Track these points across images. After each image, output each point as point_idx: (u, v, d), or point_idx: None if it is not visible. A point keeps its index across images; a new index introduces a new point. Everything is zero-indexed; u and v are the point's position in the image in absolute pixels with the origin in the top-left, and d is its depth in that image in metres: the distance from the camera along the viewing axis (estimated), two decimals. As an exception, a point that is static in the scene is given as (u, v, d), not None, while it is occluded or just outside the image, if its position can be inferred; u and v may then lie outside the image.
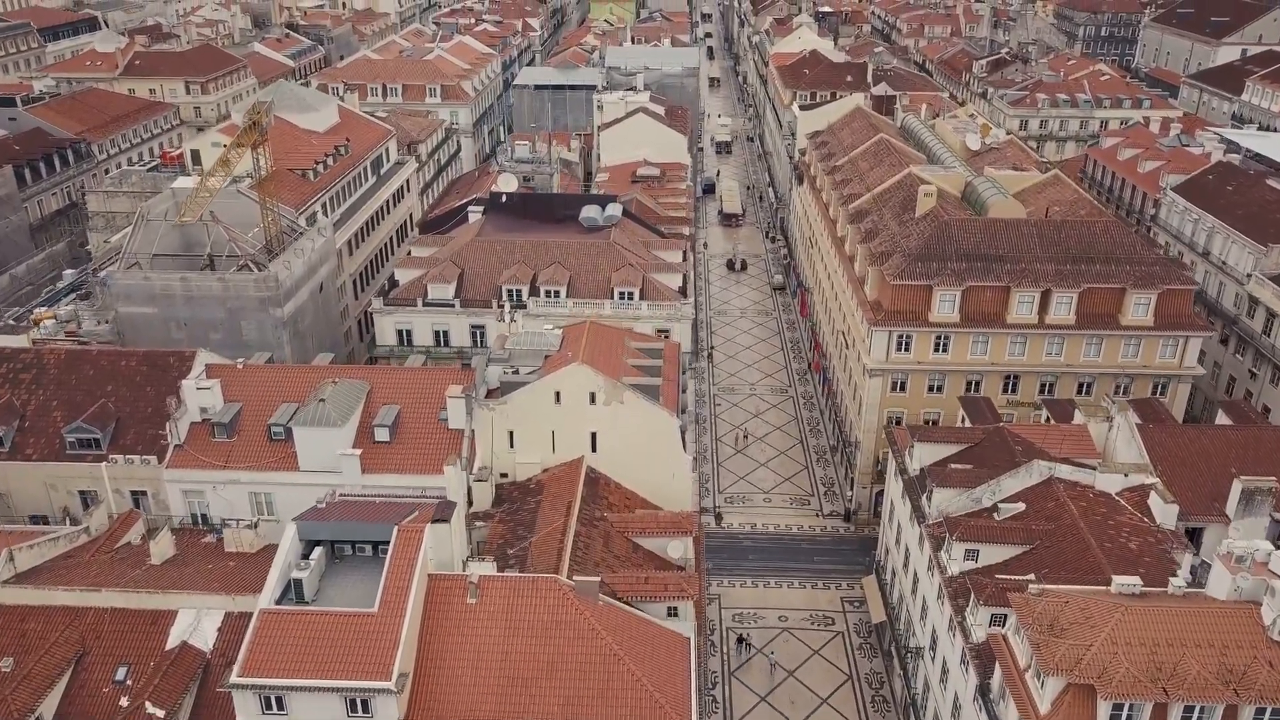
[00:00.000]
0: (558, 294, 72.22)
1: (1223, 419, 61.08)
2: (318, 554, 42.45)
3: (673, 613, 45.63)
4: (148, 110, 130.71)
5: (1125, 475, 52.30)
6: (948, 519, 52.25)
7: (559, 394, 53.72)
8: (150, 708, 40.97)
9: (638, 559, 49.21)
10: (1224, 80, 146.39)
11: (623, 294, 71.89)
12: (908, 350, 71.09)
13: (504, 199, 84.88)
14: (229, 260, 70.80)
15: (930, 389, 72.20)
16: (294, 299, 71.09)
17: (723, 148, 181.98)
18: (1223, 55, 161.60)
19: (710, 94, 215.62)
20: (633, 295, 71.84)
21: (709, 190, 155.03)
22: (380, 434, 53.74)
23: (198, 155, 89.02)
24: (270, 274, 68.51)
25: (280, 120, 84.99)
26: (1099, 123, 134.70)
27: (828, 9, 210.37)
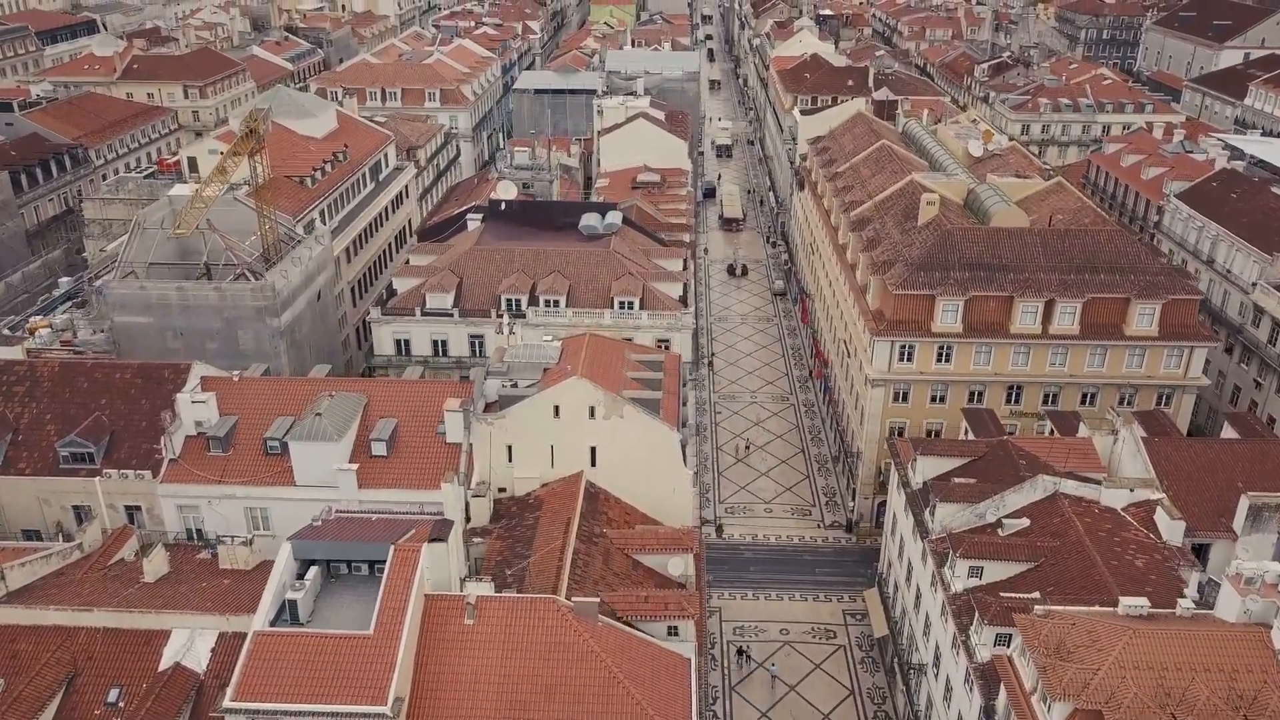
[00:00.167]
0: (557, 303, 71.59)
1: (1229, 432, 60.40)
2: (313, 574, 41.99)
3: (673, 632, 45.04)
4: (145, 115, 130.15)
5: (1131, 490, 51.68)
6: (951, 535, 51.65)
7: (558, 408, 53.09)
8: (143, 730, 40.36)
9: (638, 576, 48.62)
10: (1227, 84, 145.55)
11: (623, 303, 71.28)
12: (910, 360, 70.54)
13: (503, 207, 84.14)
14: (226, 269, 70.16)
15: (933, 399, 71.68)
16: (291, 308, 70.49)
17: (723, 151, 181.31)
18: (1225, 59, 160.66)
19: (711, 96, 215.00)
20: (633, 305, 71.23)
21: (709, 194, 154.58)
22: (377, 448, 53.15)
23: (194, 162, 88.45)
24: (267, 283, 67.89)
25: (278, 126, 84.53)
26: (1101, 127, 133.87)
27: (828, 12, 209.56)
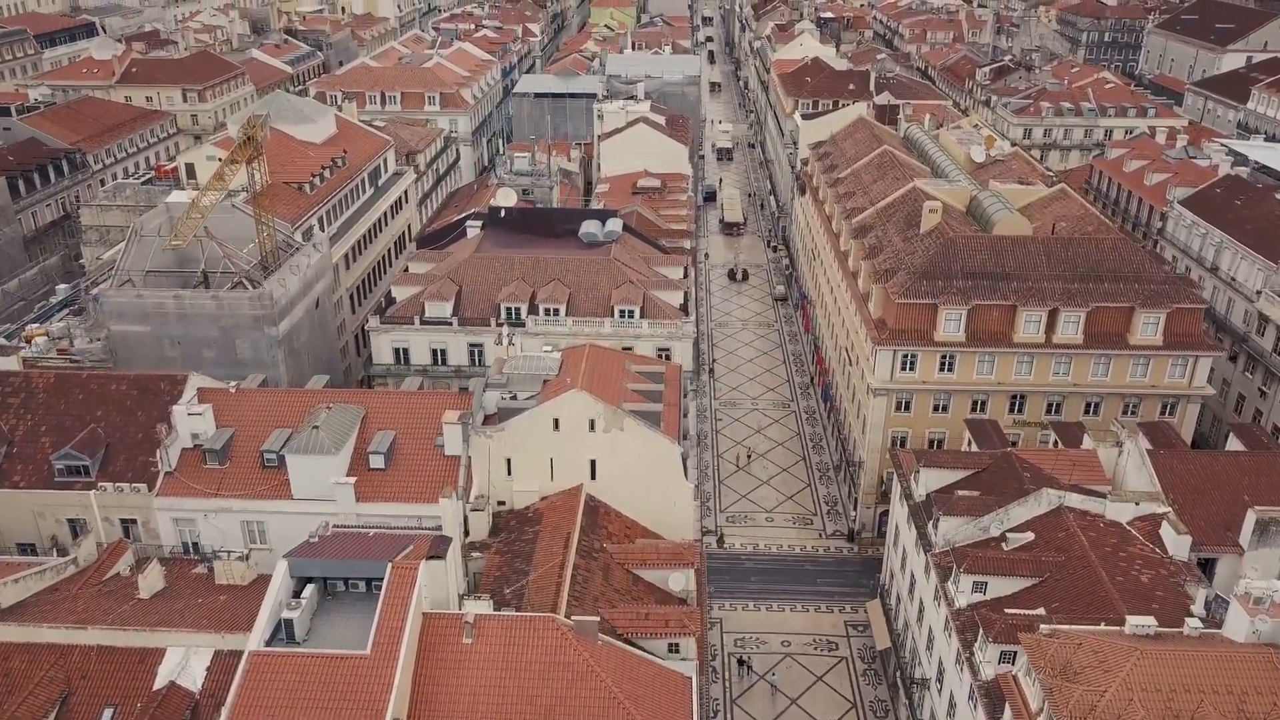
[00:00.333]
0: (557, 312, 71.03)
1: (1234, 444, 59.90)
2: (309, 592, 41.51)
3: (674, 649, 44.55)
4: (144, 119, 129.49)
5: (1136, 504, 51.17)
6: (955, 550, 51.11)
7: (558, 421, 52.56)
8: (137, 750, 39.90)
9: (638, 591, 48.13)
10: (1229, 88, 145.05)
11: (623, 312, 70.70)
12: (912, 369, 70.02)
13: (503, 214, 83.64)
14: (223, 277, 69.68)
15: (935, 409, 71.15)
16: (289, 316, 69.95)
17: (724, 154, 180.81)
18: (1228, 63, 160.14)
19: (711, 99, 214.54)
20: (633, 313, 70.65)
21: (710, 198, 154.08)
22: (375, 461, 52.58)
23: (192, 169, 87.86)
24: (265, 291, 67.38)
25: (276, 132, 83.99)
26: (1103, 131, 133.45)
27: (829, 15, 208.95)
